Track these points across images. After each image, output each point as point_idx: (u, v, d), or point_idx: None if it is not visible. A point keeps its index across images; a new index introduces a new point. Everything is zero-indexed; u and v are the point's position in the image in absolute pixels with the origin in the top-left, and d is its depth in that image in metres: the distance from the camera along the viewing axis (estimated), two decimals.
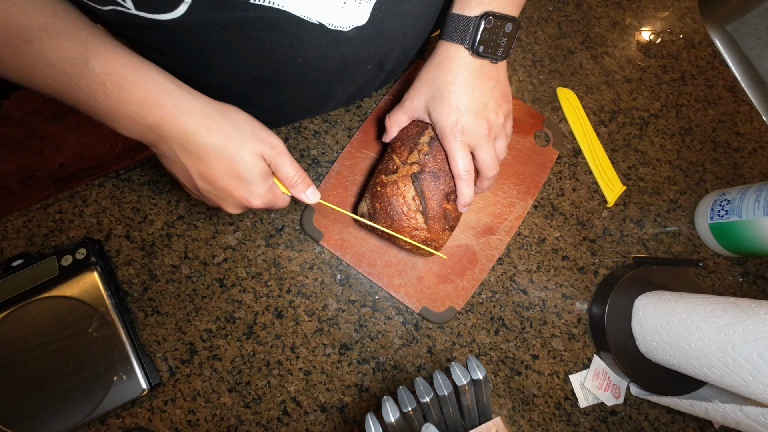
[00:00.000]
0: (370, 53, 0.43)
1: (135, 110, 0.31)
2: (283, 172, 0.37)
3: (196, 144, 0.33)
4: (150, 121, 0.32)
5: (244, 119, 0.35)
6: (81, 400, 0.44)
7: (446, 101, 0.40)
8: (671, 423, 0.53)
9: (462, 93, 0.39)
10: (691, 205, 0.60)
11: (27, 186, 1.31)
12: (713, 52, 0.66)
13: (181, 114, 0.32)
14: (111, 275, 0.48)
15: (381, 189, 0.44)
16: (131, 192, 0.52)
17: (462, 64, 0.39)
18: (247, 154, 0.34)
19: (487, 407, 0.36)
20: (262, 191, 0.36)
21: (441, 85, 0.40)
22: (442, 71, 0.40)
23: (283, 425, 0.48)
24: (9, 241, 0.49)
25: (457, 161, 0.41)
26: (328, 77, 0.44)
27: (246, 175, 0.34)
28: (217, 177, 0.34)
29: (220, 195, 0.36)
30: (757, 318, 0.39)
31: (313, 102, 0.50)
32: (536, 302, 0.54)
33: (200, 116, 0.33)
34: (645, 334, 0.49)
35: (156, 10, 0.31)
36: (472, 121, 0.40)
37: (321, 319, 0.51)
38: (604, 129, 0.61)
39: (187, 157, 0.33)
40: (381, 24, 0.39)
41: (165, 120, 0.32)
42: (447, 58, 0.40)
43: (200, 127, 0.32)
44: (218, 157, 0.33)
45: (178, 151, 0.33)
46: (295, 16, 0.34)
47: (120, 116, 0.32)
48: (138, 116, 0.31)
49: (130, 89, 0.31)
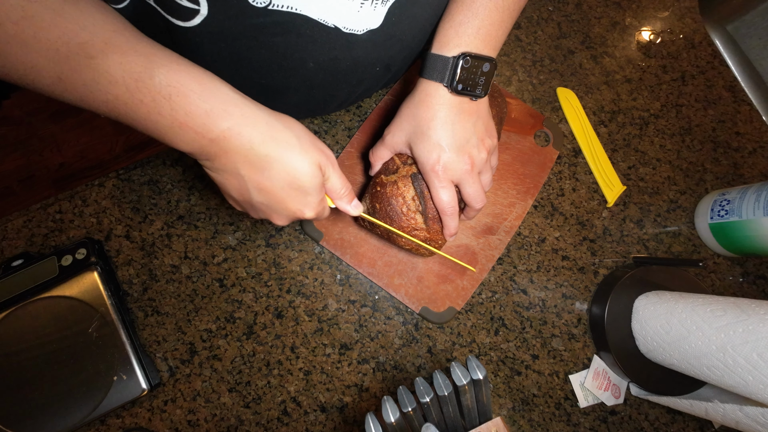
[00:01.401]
0: (380, 55, 0.43)
1: (201, 123, 0.30)
2: (333, 182, 0.37)
3: (261, 155, 0.32)
4: (216, 134, 0.31)
5: (302, 129, 0.35)
6: (81, 400, 0.44)
7: (427, 138, 0.40)
8: (671, 423, 0.53)
9: (443, 129, 0.40)
10: (691, 205, 0.60)
11: (27, 186, 1.31)
12: (713, 52, 0.66)
13: (248, 125, 0.31)
14: (111, 275, 0.48)
15: (381, 189, 0.44)
16: (131, 192, 0.52)
17: (442, 102, 0.40)
18: (309, 165, 0.33)
19: (487, 407, 0.36)
20: (316, 202, 0.36)
21: (422, 122, 0.40)
22: (423, 108, 0.40)
23: (283, 425, 0.48)
24: (9, 241, 0.49)
25: (441, 197, 0.41)
26: (336, 79, 0.44)
27: (307, 185, 0.34)
28: (276, 188, 0.34)
29: (275, 207, 0.35)
30: (757, 318, 0.39)
31: (318, 103, 0.51)
32: (536, 302, 0.54)
33: (266, 127, 0.32)
34: (645, 334, 0.49)
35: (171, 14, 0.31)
36: (453, 157, 0.40)
37: (321, 319, 0.51)
38: (604, 129, 0.61)
39: (249, 169, 0.33)
40: (394, 27, 0.39)
41: (233, 131, 0.31)
42: (427, 96, 0.40)
43: (266, 138, 0.32)
44: (281, 168, 0.33)
45: (240, 163, 0.32)
46: (312, 19, 0.34)
47: (184, 130, 0.31)
48: (204, 129, 0.30)
49: (197, 101, 0.30)
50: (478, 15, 0.39)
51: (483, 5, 0.39)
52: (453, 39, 0.39)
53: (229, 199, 0.37)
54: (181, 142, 0.32)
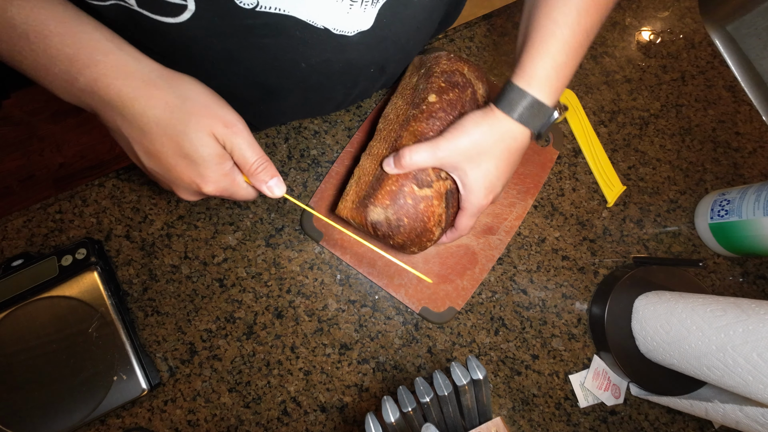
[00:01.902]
0: (373, 57, 0.42)
1: (64, 69, 0.27)
2: (240, 155, 0.32)
3: (135, 114, 0.29)
4: (82, 83, 0.28)
5: (196, 91, 0.31)
6: (81, 400, 0.44)
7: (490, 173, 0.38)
8: (671, 423, 0.53)
9: (506, 170, 0.39)
10: (691, 205, 0.60)
11: (27, 186, 1.31)
12: (713, 52, 0.66)
13: (118, 77, 0.28)
14: (111, 275, 0.48)
15: (413, 203, 0.39)
16: (131, 192, 0.52)
17: (519, 145, 0.38)
18: (193, 131, 0.30)
19: (487, 407, 0.36)
20: (215, 176, 0.32)
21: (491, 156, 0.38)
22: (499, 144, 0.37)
23: (283, 425, 0.48)
24: (9, 241, 0.49)
25: (470, 223, 0.42)
26: (331, 81, 0.44)
27: (193, 154, 0.30)
28: (162, 154, 0.30)
29: (169, 177, 0.32)
30: (757, 318, 0.39)
31: (314, 105, 0.50)
32: (536, 302, 0.54)
33: (140, 82, 0.28)
34: (645, 334, 0.49)
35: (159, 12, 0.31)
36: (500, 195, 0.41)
37: (321, 319, 0.51)
38: (604, 129, 0.61)
39: (129, 129, 0.30)
40: (385, 29, 0.38)
41: (99, 83, 0.28)
42: (507, 135, 0.37)
43: (140, 95, 0.28)
44: (161, 132, 0.29)
45: (118, 121, 0.29)
46: (302, 21, 0.34)
47: (50, 76, 0.28)
48: (68, 76, 0.27)
49: (57, 44, 0.27)
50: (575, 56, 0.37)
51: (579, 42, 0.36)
52: (555, 82, 0.37)
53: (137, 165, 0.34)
54: (55, 88, 0.29)
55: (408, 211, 0.39)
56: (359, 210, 0.41)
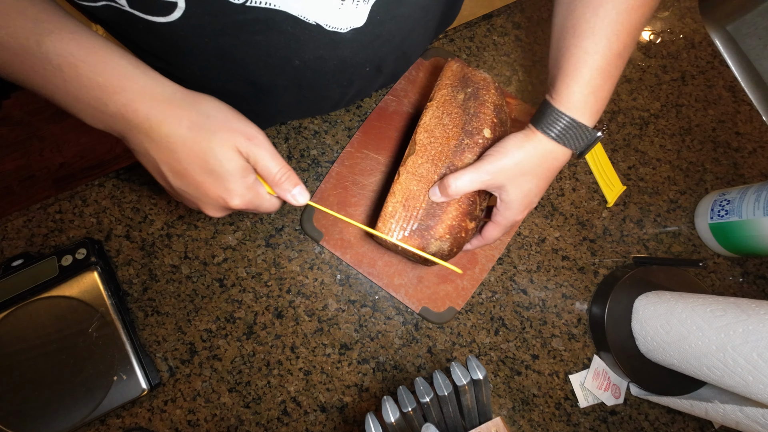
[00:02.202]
0: (367, 55, 0.42)
1: (95, 96, 0.28)
2: (263, 167, 0.33)
3: (162, 135, 0.30)
4: (112, 110, 0.29)
5: (216, 108, 0.32)
6: (81, 400, 0.44)
7: (529, 191, 0.39)
8: (671, 423, 0.53)
9: (543, 187, 0.39)
10: (691, 205, 0.60)
11: (27, 186, 1.31)
12: (713, 52, 0.66)
13: (145, 101, 0.29)
14: (111, 275, 0.48)
15: (464, 236, 0.42)
16: (131, 192, 0.52)
17: (562, 165, 0.39)
18: (218, 146, 0.30)
19: (487, 407, 0.36)
20: (241, 189, 0.32)
21: (532, 175, 0.38)
22: (540, 165, 0.38)
23: (283, 425, 0.48)
24: (9, 241, 0.49)
25: (499, 235, 0.42)
26: (325, 79, 0.44)
27: (219, 170, 0.31)
28: (189, 172, 0.31)
29: (196, 194, 0.33)
30: (757, 318, 0.39)
31: (310, 104, 0.50)
32: (536, 302, 0.54)
33: (166, 104, 0.30)
34: (645, 334, 0.49)
35: (149, 12, 0.31)
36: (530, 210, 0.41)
37: (321, 319, 0.51)
38: (604, 129, 0.61)
39: (157, 151, 0.31)
40: (379, 26, 0.38)
41: (128, 108, 0.29)
42: (550, 156, 0.37)
43: (166, 116, 0.30)
44: (187, 150, 0.30)
45: (146, 143, 0.30)
46: (292, 15, 0.34)
47: (82, 104, 0.29)
48: (99, 103, 0.29)
49: (89, 73, 0.28)
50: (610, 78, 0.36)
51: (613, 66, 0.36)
52: (593, 105, 0.36)
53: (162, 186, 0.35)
54: (85, 116, 0.30)
55: (459, 243, 0.42)
56: (413, 239, 0.41)
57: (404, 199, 0.41)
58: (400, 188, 0.42)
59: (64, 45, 0.27)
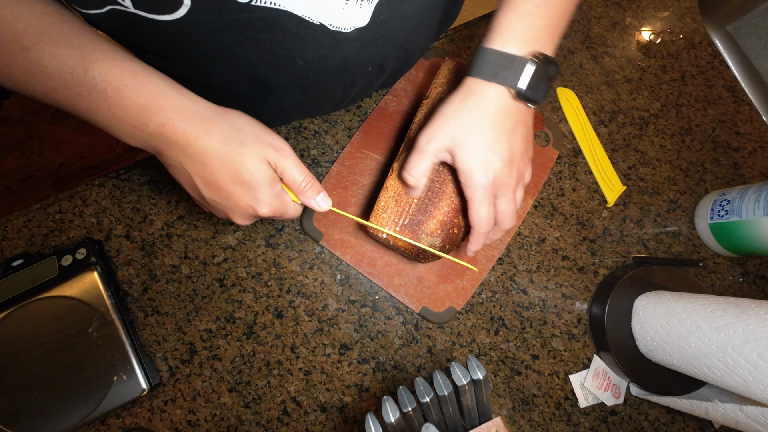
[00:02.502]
0: (370, 55, 0.42)
1: (137, 117, 0.31)
2: (290, 176, 0.35)
3: (197, 149, 0.32)
4: (152, 128, 0.31)
5: (246, 122, 0.34)
6: (81, 400, 0.44)
7: (478, 147, 0.35)
8: (671, 423, 0.53)
9: (497, 139, 0.35)
10: (691, 205, 0.60)
11: (27, 186, 1.31)
12: (713, 52, 0.66)
13: (182, 119, 0.31)
14: (111, 275, 0.48)
15: (457, 232, 0.42)
16: (131, 192, 0.52)
17: (499, 107, 0.35)
18: (249, 158, 0.32)
19: (487, 407, 0.36)
20: (269, 198, 0.34)
21: (473, 128, 0.35)
22: (475, 111, 0.35)
23: (283, 425, 0.48)
24: (9, 241, 0.49)
25: (481, 214, 0.36)
26: (328, 79, 0.44)
27: (250, 180, 0.33)
28: (221, 184, 0.33)
29: (227, 204, 0.34)
30: (757, 318, 0.39)
31: (312, 103, 0.50)
32: (536, 302, 0.54)
33: (201, 121, 0.32)
34: (645, 334, 0.49)
35: (155, 11, 0.31)
36: (505, 171, 0.36)
37: (321, 319, 0.51)
38: (604, 129, 0.61)
39: (191, 165, 0.33)
40: (382, 25, 0.38)
41: (167, 126, 0.31)
42: (484, 100, 0.35)
43: (201, 132, 0.32)
44: (220, 163, 0.32)
45: (181, 158, 0.33)
46: (297, 16, 0.34)
47: (123, 124, 0.31)
48: (140, 123, 0.31)
49: (132, 96, 0.30)
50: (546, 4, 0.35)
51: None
52: (520, 33, 0.34)
53: (193, 199, 0.37)
54: (125, 136, 0.32)
55: (452, 239, 0.42)
56: (404, 234, 0.41)
57: (396, 194, 0.42)
58: (393, 184, 0.43)
59: (108, 71, 0.29)
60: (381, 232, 0.41)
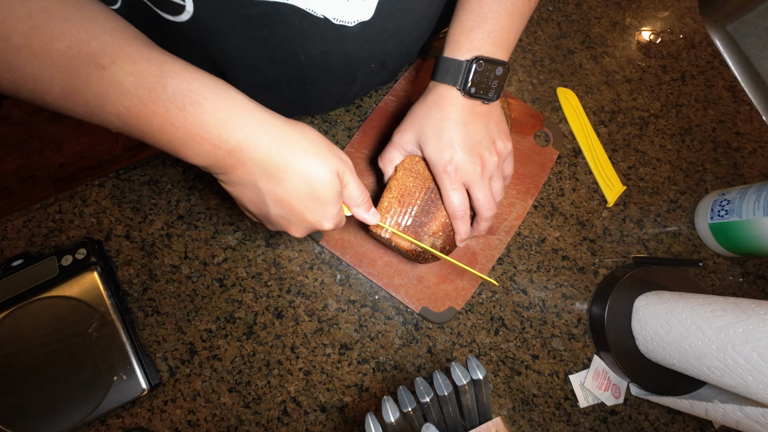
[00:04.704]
0: (373, 51, 0.42)
1: (216, 134, 0.29)
2: (351, 190, 0.36)
3: (278, 165, 0.31)
4: (232, 145, 0.30)
5: (318, 135, 0.34)
6: (81, 400, 0.44)
7: (439, 137, 0.40)
8: (671, 423, 0.53)
9: (455, 129, 0.40)
10: (691, 205, 0.60)
11: (27, 186, 1.31)
12: (713, 52, 0.66)
13: (265, 134, 0.30)
14: (111, 275, 0.48)
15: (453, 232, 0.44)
16: (131, 192, 0.52)
17: (454, 103, 0.40)
18: (326, 172, 0.33)
19: (487, 407, 0.36)
20: (335, 212, 0.35)
21: (434, 122, 0.41)
22: (435, 109, 0.41)
23: (283, 425, 0.48)
24: (9, 241, 0.49)
25: (452, 199, 0.41)
26: (330, 75, 0.44)
27: (325, 195, 0.33)
28: (294, 200, 0.33)
29: (292, 219, 0.34)
30: (757, 318, 0.39)
31: (314, 101, 0.50)
32: (536, 302, 0.54)
33: (281, 135, 0.31)
34: (645, 334, 0.49)
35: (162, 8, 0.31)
36: (465, 157, 0.40)
37: (321, 319, 0.51)
38: (604, 129, 0.61)
39: (266, 181, 0.32)
40: (386, 20, 0.38)
41: (249, 141, 0.30)
42: (440, 97, 0.41)
43: (282, 146, 0.31)
44: (299, 177, 0.32)
45: (257, 175, 0.31)
46: (300, 9, 0.33)
47: (198, 142, 0.29)
48: (219, 140, 0.29)
49: (213, 111, 0.28)
50: (488, 19, 0.40)
51: (492, 10, 0.40)
52: (465, 43, 0.40)
53: (246, 212, 0.36)
54: (196, 155, 0.30)
55: (453, 241, 0.44)
56: (407, 234, 0.42)
57: (400, 194, 0.43)
58: (397, 184, 0.44)
59: (188, 84, 0.28)
60: (384, 230, 0.42)
